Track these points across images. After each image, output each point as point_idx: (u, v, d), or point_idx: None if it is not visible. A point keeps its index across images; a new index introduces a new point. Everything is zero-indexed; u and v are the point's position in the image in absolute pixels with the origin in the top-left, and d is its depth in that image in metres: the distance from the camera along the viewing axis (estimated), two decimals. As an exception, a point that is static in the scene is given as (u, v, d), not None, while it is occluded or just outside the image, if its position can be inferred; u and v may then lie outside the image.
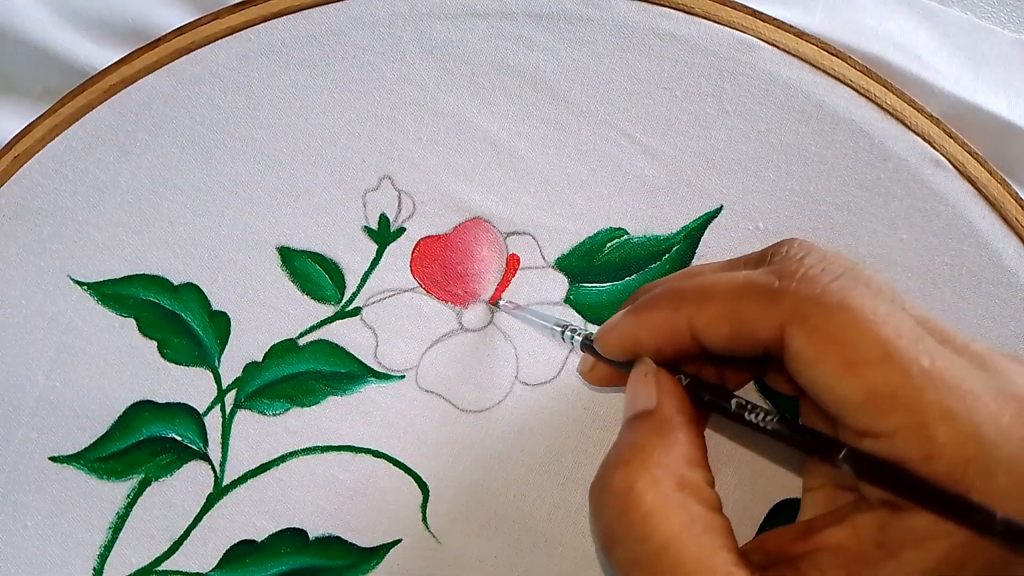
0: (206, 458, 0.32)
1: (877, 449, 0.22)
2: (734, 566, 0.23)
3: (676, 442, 0.25)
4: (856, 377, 0.22)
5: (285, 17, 0.34)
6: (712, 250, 0.33)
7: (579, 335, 0.29)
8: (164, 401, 0.33)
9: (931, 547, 0.21)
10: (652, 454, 0.24)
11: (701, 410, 0.26)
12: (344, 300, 0.33)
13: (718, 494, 0.25)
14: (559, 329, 0.30)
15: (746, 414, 0.25)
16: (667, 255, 0.33)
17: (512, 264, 0.33)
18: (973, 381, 0.22)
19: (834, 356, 0.22)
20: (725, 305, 0.24)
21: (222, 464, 0.32)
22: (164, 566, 0.32)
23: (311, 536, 0.32)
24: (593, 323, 0.33)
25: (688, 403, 0.26)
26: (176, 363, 0.33)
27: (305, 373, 0.33)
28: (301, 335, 0.33)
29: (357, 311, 0.33)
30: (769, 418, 0.24)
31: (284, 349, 0.33)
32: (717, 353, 0.25)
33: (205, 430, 0.32)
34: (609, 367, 0.29)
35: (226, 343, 0.33)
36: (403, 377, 0.33)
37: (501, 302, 0.33)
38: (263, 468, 0.32)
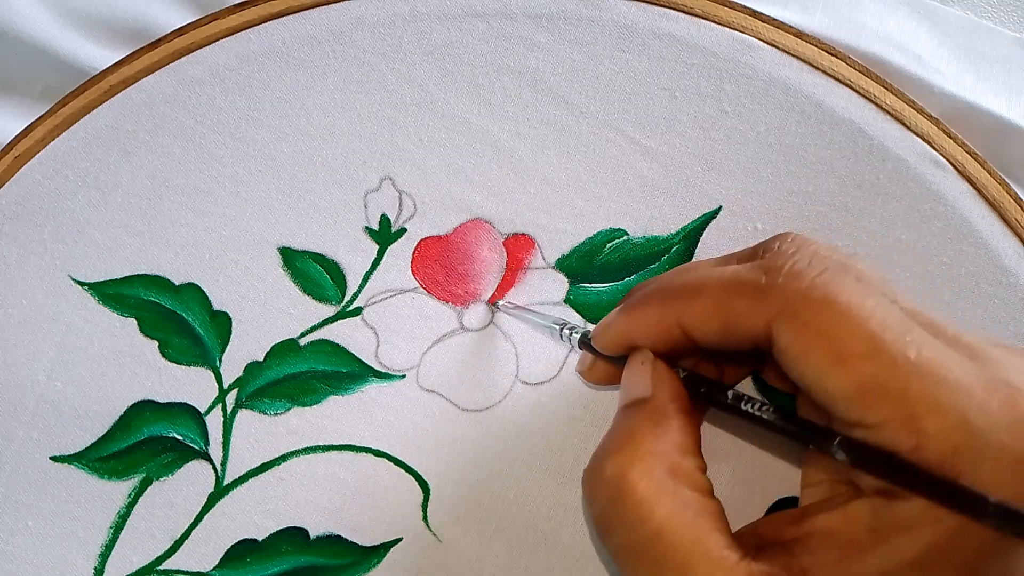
0: (207, 457, 0.32)
1: (868, 439, 0.22)
2: (727, 548, 0.23)
3: (669, 430, 0.25)
4: (844, 371, 0.22)
5: (285, 18, 0.34)
6: (711, 250, 0.33)
7: (576, 333, 0.30)
8: (165, 401, 0.33)
9: (921, 533, 0.22)
10: (645, 441, 0.24)
11: (699, 403, 0.26)
12: (345, 300, 0.33)
13: (710, 480, 0.25)
14: (557, 327, 0.31)
15: (742, 404, 0.25)
16: (666, 256, 0.33)
17: (516, 256, 0.33)
18: (961, 370, 0.22)
19: (821, 350, 0.22)
20: (713, 302, 0.25)
21: (223, 463, 0.32)
22: (165, 565, 0.32)
23: (312, 535, 0.32)
24: (593, 322, 0.33)
25: (683, 392, 0.26)
26: (177, 363, 0.33)
27: (306, 373, 0.33)
28: (302, 335, 0.33)
29: (358, 311, 0.33)
30: (765, 408, 0.25)
31: (285, 349, 0.33)
32: (709, 348, 0.26)
33: (206, 430, 0.33)
34: (607, 365, 0.29)
35: (227, 343, 0.33)
36: (404, 377, 0.33)
37: (500, 302, 0.33)
38: (264, 467, 0.32)
